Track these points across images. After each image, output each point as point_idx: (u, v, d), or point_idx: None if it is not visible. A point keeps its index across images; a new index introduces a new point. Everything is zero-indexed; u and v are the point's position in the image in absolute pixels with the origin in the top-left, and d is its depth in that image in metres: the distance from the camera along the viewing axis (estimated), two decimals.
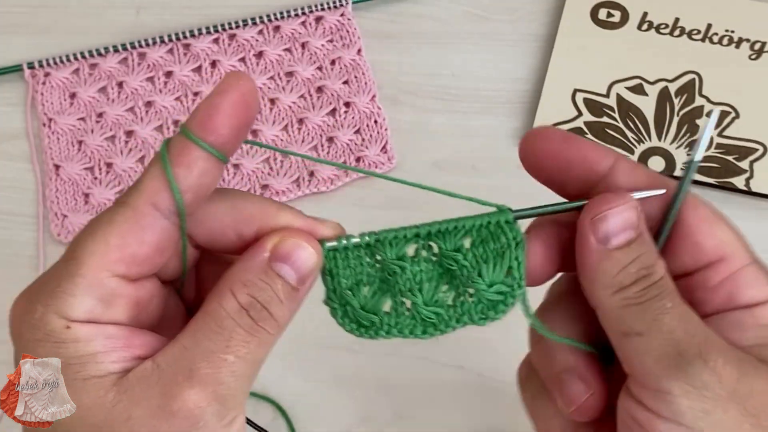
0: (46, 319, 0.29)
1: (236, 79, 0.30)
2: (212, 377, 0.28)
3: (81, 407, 0.28)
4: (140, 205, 0.29)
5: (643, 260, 0.30)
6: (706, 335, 0.29)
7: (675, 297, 0.30)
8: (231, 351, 0.29)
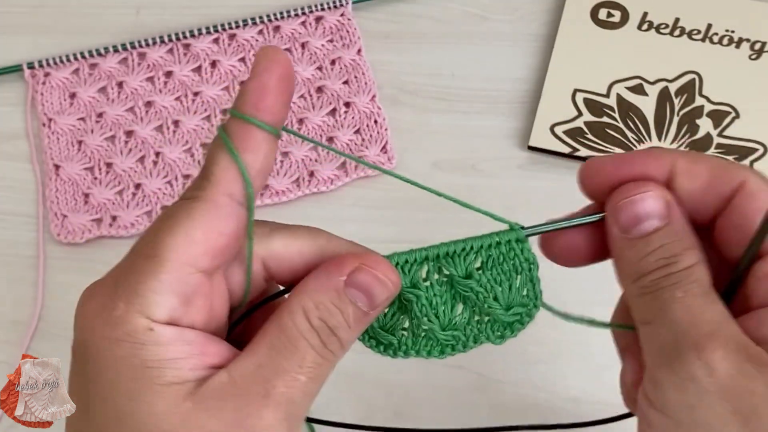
0: (128, 317, 0.28)
1: (274, 54, 0.29)
2: (286, 397, 0.29)
3: (156, 413, 0.28)
4: (217, 197, 0.29)
5: (668, 249, 0.30)
6: (717, 328, 0.28)
7: (692, 287, 0.29)
8: (303, 372, 0.29)
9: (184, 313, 0.29)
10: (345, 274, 0.30)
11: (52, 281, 0.58)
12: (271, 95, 0.29)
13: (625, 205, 0.30)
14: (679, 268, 0.29)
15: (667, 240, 0.30)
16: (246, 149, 0.29)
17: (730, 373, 0.27)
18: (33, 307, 0.57)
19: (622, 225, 0.30)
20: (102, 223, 0.59)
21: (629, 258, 0.30)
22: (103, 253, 0.59)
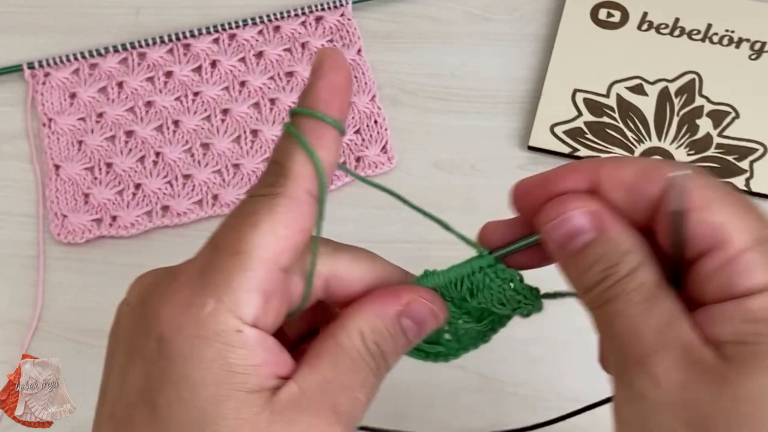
0: (218, 316, 0.27)
1: (338, 55, 0.30)
2: (350, 415, 0.29)
3: (239, 420, 0.27)
4: (298, 193, 0.29)
5: (606, 260, 0.29)
6: (661, 336, 0.27)
7: (633, 295, 0.28)
8: (364, 391, 0.30)
9: (265, 312, 0.29)
10: (402, 304, 0.31)
11: (52, 281, 0.58)
12: (341, 94, 0.30)
13: (554, 226, 0.30)
14: (618, 278, 0.29)
15: (603, 250, 0.29)
16: (320, 146, 0.29)
17: (675, 384, 0.26)
18: (33, 307, 0.57)
19: (556, 244, 0.30)
20: (102, 223, 0.59)
21: (572, 275, 0.30)
22: (103, 253, 0.59)
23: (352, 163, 0.61)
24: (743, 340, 0.26)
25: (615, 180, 0.30)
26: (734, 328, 0.27)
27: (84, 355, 0.55)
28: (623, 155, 0.31)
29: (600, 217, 0.30)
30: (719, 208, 0.28)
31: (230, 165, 0.61)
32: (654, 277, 0.29)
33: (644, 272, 0.29)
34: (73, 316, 0.57)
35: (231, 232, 0.29)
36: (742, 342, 0.26)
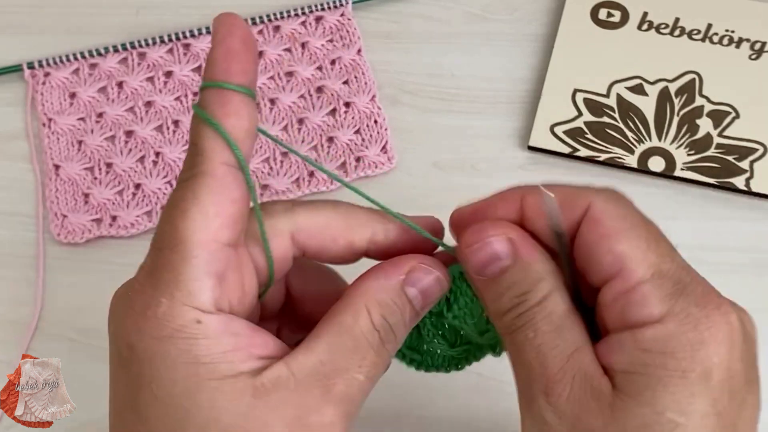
0: (174, 312, 0.28)
1: (232, 19, 0.29)
2: (346, 396, 0.29)
3: (216, 409, 0.27)
4: (214, 168, 0.29)
5: (519, 287, 0.30)
6: (563, 365, 0.28)
7: (542, 324, 0.29)
8: (362, 371, 0.29)
9: (222, 292, 0.29)
10: (403, 273, 0.31)
11: (52, 281, 0.58)
12: (238, 57, 0.29)
13: (474, 250, 0.31)
14: (529, 306, 0.29)
15: (516, 278, 0.30)
16: (227, 114, 0.29)
17: (574, 413, 0.27)
18: (33, 307, 0.57)
19: (473, 268, 0.31)
20: (102, 223, 0.59)
21: (487, 299, 0.31)
22: (103, 253, 0.59)
23: (352, 163, 0.61)
24: (633, 371, 0.27)
25: (537, 208, 0.31)
26: (627, 358, 0.27)
27: (84, 355, 0.55)
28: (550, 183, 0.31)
29: (517, 244, 0.30)
30: (625, 238, 0.28)
31: None
32: (563, 306, 0.29)
33: (554, 301, 0.29)
34: (73, 316, 0.57)
35: (166, 226, 0.29)
36: (632, 372, 0.27)
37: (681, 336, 0.27)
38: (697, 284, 0.28)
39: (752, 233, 0.59)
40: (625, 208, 0.30)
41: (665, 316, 0.27)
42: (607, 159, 0.60)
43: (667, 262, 0.28)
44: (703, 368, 0.26)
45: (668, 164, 0.60)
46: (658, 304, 0.27)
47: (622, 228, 0.29)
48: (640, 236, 0.29)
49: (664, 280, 0.28)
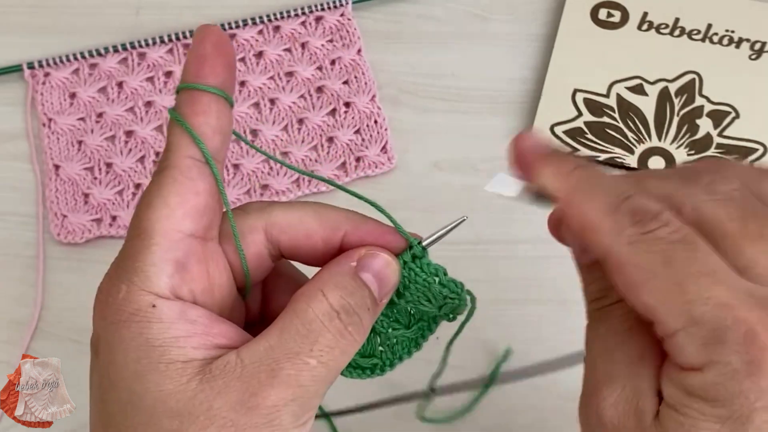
0: (131, 297, 0.29)
1: (205, 28, 0.31)
2: (294, 379, 0.29)
3: (163, 392, 0.28)
4: (179, 162, 0.30)
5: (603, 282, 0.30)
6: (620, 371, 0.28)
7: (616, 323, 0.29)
8: (314, 355, 0.29)
9: (182, 280, 0.30)
10: (355, 259, 0.32)
11: (52, 281, 0.58)
12: (208, 60, 0.31)
13: None
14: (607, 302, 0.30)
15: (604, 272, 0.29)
16: (194, 113, 0.30)
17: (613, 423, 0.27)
18: (33, 307, 0.57)
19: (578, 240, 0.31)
20: (102, 223, 0.59)
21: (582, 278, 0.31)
22: (103, 253, 0.59)
23: (352, 163, 0.61)
24: (676, 408, 0.27)
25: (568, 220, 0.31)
26: (672, 393, 0.27)
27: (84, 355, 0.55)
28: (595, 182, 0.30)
29: None
30: (648, 289, 0.27)
31: (230, 165, 0.61)
32: (633, 316, 0.29)
33: (627, 307, 0.29)
34: (73, 316, 0.57)
35: (133, 218, 0.30)
36: (674, 408, 0.27)
37: (720, 387, 0.25)
38: (740, 324, 0.26)
39: None
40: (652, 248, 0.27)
41: (705, 365, 0.26)
42: (607, 159, 0.60)
43: (698, 306, 0.26)
44: (742, 413, 0.25)
45: (668, 164, 0.60)
46: (695, 355, 0.26)
47: (646, 279, 0.27)
48: (665, 283, 0.26)
49: (698, 327, 0.26)
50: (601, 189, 0.29)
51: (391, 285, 0.33)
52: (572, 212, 0.29)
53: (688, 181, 0.30)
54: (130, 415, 0.28)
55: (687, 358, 0.26)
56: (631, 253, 0.27)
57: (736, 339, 0.25)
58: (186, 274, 0.30)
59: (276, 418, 0.28)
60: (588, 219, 0.28)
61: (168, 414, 0.28)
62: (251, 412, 0.28)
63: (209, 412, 0.28)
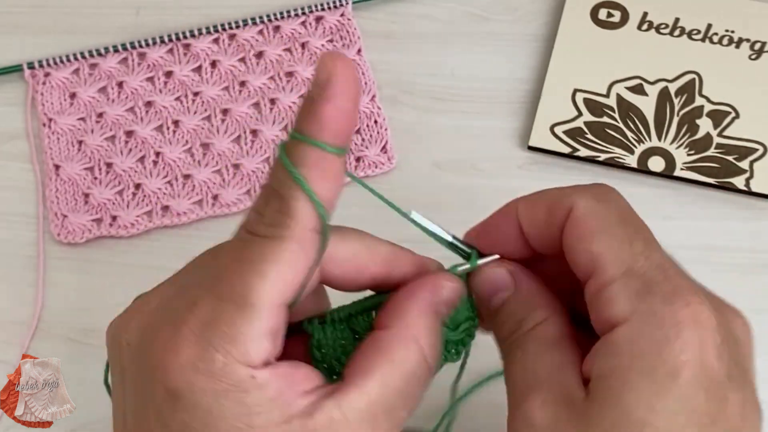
0: (229, 369, 0.27)
1: (349, 71, 0.27)
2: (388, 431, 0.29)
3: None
4: (304, 235, 0.28)
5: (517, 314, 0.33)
6: (543, 379, 0.29)
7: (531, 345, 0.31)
8: (407, 407, 0.30)
9: (275, 349, 0.29)
10: (438, 295, 0.32)
11: (52, 281, 0.58)
12: (345, 120, 0.27)
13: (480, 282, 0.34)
14: (523, 331, 0.32)
15: (514, 307, 0.33)
16: (322, 178, 0.28)
17: (547, 424, 0.28)
18: (33, 307, 0.57)
19: (483, 299, 0.34)
20: (102, 223, 0.59)
21: (492, 325, 0.34)
22: (103, 253, 0.59)
23: (352, 163, 0.61)
24: (603, 375, 0.27)
25: (531, 216, 0.33)
26: (599, 363, 0.28)
27: (84, 355, 0.55)
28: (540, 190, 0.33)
29: (516, 274, 0.33)
30: (600, 237, 0.29)
31: (230, 165, 0.61)
32: (554, 332, 0.31)
33: (547, 327, 0.31)
34: (73, 316, 0.57)
35: (235, 279, 0.28)
36: (603, 376, 0.27)
37: (646, 335, 0.26)
38: (669, 282, 0.28)
39: (752, 233, 0.59)
40: (607, 206, 0.30)
41: (631, 315, 0.27)
42: (607, 159, 0.60)
43: (640, 261, 0.28)
44: (670, 366, 0.26)
45: (668, 164, 0.60)
46: (624, 304, 0.27)
47: (599, 227, 0.29)
48: (615, 235, 0.29)
49: (633, 278, 0.28)
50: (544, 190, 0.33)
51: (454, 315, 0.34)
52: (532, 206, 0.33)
53: None
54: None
55: (615, 309, 0.28)
56: (595, 207, 0.30)
57: (664, 292, 0.27)
58: (278, 342, 0.29)
59: None
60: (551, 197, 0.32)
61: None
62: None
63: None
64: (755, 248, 0.59)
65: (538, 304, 0.32)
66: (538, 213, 0.32)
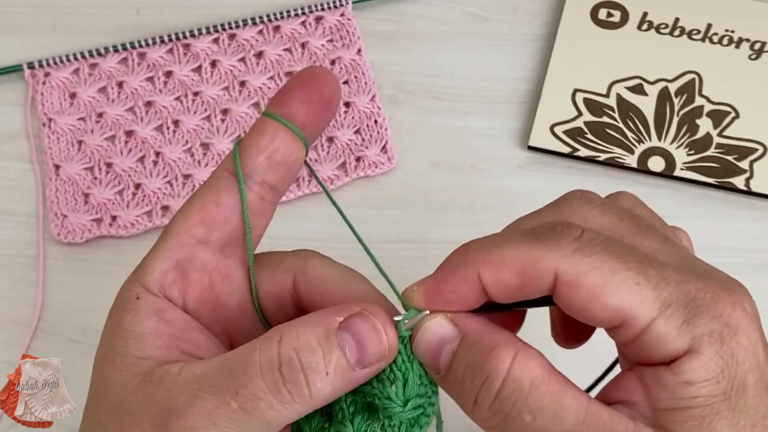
0: (129, 287, 0.30)
1: (308, 68, 0.32)
2: (207, 414, 0.26)
3: (109, 383, 0.28)
4: (216, 174, 0.31)
5: (475, 366, 0.27)
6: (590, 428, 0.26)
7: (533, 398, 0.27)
8: (238, 399, 0.26)
9: (174, 280, 0.30)
10: (343, 315, 0.28)
11: (52, 281, 0.58)
12: (287, 93, 0.31)
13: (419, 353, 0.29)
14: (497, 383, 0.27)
15: (469, 355, 0.28)
16: (249, 133, 0.31)
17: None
18: (33, 307, 0.57)
19: (433, 369, 0.29)
20: (102, 223, 0.59)
21: (454, 396, 0.29)
22: (103, 253, 0.59)
23: (352, 163, 0.61)
24: (680, 406, 0.26)
25: (501, 283, 0.28)
26: (671, 395, 0.26)
27: (84, 355, 0.55)
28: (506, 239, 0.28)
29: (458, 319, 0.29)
30: (612, 289, 0.26)
31: None
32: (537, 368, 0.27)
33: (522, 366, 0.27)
34: (73, 316, 0.57)
35: None
36: (679, 408, 0.26)
37: (715, 358, 0.26)
38: (701, 292, 0.26)
39: (752, 233, 0.59)
40: (591, 251, 0.27)
41: (691, 344, 0.26)
42: (607, 159, 0.60)
43: (663, 288, 0.26)
44: (739, 381, 0.26)
45: (668, 164, 0.60)
46: (679, 337, 0.26)
47: (603, 279, 0.26)
48: (625, 278, 0.26)
49: (671, 310, 0.26)
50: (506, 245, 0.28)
51: (374, 354, 0.28)
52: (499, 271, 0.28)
53: (561, 206, 0.30)
54: (89, 401, 0.29)
55: (671, 345, 0.26)
56: (583, 261, 0.26)
57: (707, 306, 0.26)
58: (181, 276, 0.30)
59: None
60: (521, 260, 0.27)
61: (107, 407, 0.28)
62: (160, 429, 0.27)
63: (132, 416, 0.27)
64: (755, 248, 0.59)
65: (498, 340, 0.28)
66: (509, 279, 0.28)
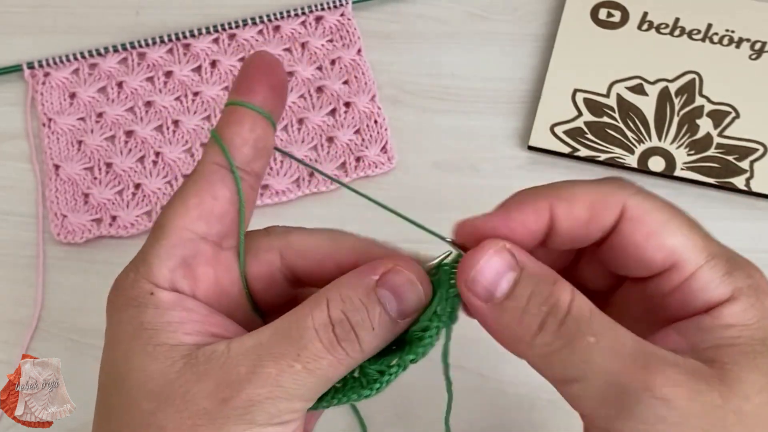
0: (134, 284, 0.30)
1: (257, 54, 0.33)
2: (273, 379, 0.28)
3: (145, 373, 0.28)
4: (205, 167, 0.31)
5: (540, 292, 0.29)
6: (646, 358, 0.27)
7: (596, 323, 0.28)
8: (301, 360, 0.28)
9: (184, 277, 0.30)
10: (378, 273, 0.30)
11: (52, 281, 0.58)
12: (249, 79, 0.32)
13: (476, 275, 0.30)
14: (564, 310, 0.28)
15: (532, 285, 0.29)
16: (228, 123, 0.32)
17: (685, 398, 0.26)
18: (33, 307, 0.57)
19: (482, 296, 0.30)
20: (102, 223, 0.59)
21: (509, 324, 0.29)
22: (103, 253, 0.59)
23: (352, 163, 0.61)
24: (727, 344, 0.28)
25: (571, 216, 0.30)
26: (714, 335, 0.28)
27: (84, 355, 0.55)
28: (574, 181, 0.31)
29: (516, 251, 0.30)
30: (672, 232, 0.29)
31: None
32: (588, 301, 0.29)
33: (582, 298, 0.29)
34: (73, 316, 0.57)
35: (159, 214, 0.32)
36: (725, 347, 0.28)
37: (755, 305, 0.28)
38: (739, 256, 0.30)
39: (752, 233, 0.59)
40: (653, 199, 0.30)
41: (734, 292, 0.29)
42: (607, 159, 0.60)
43: (713, 243, 0.30)
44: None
45: (668, 164, 0.60)
46: (722, 285, 0.29)
47: (664, 221, 0.29)
48: (681, 226, 0.30)
49: (718, 260, 0.29)
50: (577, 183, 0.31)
51: (412, 304, 0.31)
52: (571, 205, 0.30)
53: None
54: (113, 395, 0.29)
55: (714, 292, 0.29)
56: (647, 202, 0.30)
57: (742, 265, 0.29)
58: (189, 272, 0.30)
59: (248, 413, 0.28)
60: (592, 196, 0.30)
61: (147, 395, 0.28)
62: (224, 403, 0.28)
63: (185, 396, 0.28)
64: (755, 248, 0.59)
65: (553, 274, 0.29)
66: (579, 213, 0.30)
